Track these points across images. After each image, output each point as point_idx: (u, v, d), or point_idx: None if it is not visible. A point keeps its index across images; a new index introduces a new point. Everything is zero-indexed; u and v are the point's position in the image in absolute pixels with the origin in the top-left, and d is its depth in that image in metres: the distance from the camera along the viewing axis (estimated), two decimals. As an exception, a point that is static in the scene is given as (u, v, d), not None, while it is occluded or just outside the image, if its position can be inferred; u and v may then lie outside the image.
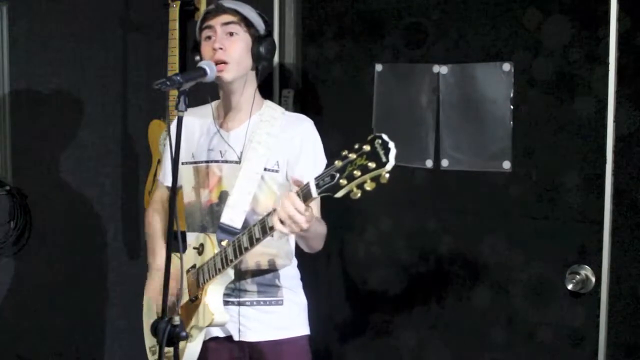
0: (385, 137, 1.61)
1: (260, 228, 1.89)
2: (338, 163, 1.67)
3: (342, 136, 2.58)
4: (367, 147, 1.62)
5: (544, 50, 2.25)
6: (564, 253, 2.24)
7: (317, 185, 1.72)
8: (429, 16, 2.47)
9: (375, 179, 1.62)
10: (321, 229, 2.07)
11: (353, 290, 2.70)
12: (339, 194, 1.68)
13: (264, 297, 2.15)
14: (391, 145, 1.60)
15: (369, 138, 1.63)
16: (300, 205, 1.77)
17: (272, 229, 1.87)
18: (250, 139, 2.14)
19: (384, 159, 1.60)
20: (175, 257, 1.98)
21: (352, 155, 1.65)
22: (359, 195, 1.65)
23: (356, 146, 1.66)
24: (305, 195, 1.76)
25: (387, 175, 1.61)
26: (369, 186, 1.63)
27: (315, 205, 2.05)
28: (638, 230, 2.12)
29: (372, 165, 1.61)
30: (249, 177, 2.10)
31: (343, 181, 1.65)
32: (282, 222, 1.80)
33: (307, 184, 1.75)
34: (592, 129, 2.17)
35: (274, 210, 1.84)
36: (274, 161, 2.12)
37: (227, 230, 2.08)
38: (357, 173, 1.63)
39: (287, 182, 2.13)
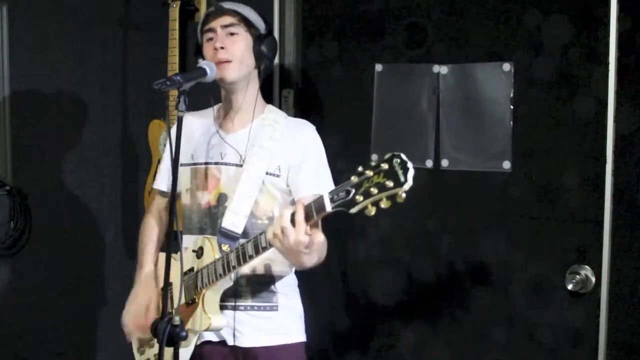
0: (403, 156, 1.60)
1: (267, 237, 1.85)
2: (354, 179, 1.66)
3: (342, 136, 2.58)
4: (385, 165, 1.61)
5: (544, 50, 2.25)
6: (564, 253, 2.24)
7: (332, 200, 1.70)
8: (429, 16, 2.47)
9: (392, 197, 1.61)
10: (320, 259, 1.98)
11: (351, 294, 2.70)
12: (354, 210, 1.66)
13: (258, 302, 2.12)
14: (410, 165, 1.59)
15: (387, 157, 1.62)
16: (300, 217, 1.74)
17: None
18: (252, 143, 2.12)
19: (402, 179, 1.58)
20: (172, 262, 1.96)
21: (369, 172, 1.64)
22: (373, 212, 1.63)
23: (373, 163, 1.64)
24: (318, 209, 1.73)
25: (404, 195, 1.60)
26: (384, 204, 1.62)
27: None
28: (638, 230, 2.12)
29: (389, 184, 1.60)
30: (251, 180, 2.07)
31: (359, 197, 1.64)
32: (274, 235, 1.78)
33: (321, 197, 1.72)
34: (592, 129, 2.17)
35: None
36: (276, 166, 2.10)
37: (228, 235, 2.05)
38: (374, 191, 1.62)
39: (288, 187, 2.11)
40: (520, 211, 2.32)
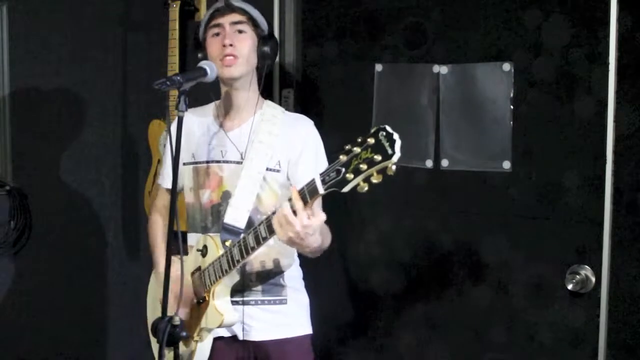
0: (389, 128, 1.60)
1: (266, 227, 1.87)
2: (343, 157, 1.66)
3: (342, 136, 2.55)
4: (371, 140, 1.61)
5: (544, 50, 2.25)
6: (564, 253, 2.24)
7: (323, 181, 1.70)
8: (429, 16, 2.47)
9: (382, 171, 1.61)
10: (326, 242, 2.02)
11: (353, 290, 2.71)
12: (346, 189, 1.66)
13: (268, 296, 2.15)
14: (396, 136, 1.59)
15: (373, 130, 1.62)
16: (299, 204, 1.75)
17: None
18: (252, 139, 2.14)
19: (389, 151, 1.58)
20: (177, 261, 1.96)
21: (357, 149, 1.63)
22: (365, 189, 1.63)
23: (359, 139, 1.64)
24: (311, 192, 1.73)
25: (394, 167, 1.60)
26: (375, 179, 1.62)
27: (317, 206, 2.02)
28: (638, 230, 2.12)
29: (378, 157, 1.59)
30: (252, 176, 2.09)
31: (349, 175, 1.63)
32: (280, 225, 1.79)
33: (313, 180, 1.72)
34: (592, 129, 2.17)
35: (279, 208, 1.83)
36: (276, 161, 2.12)
37: (231, 231, 2.07)
38: (363, 167, 1.61)
39: (288, 182, 2.13)
40: (520, 211, 2.32)
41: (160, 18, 3.02)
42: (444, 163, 2.45)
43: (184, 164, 2.21)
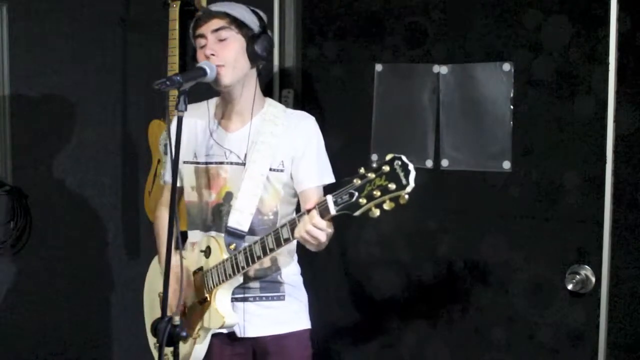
0: (404, 158, 1.63)
1: (274, 239, 1.92)
2: (357, 181, 1.69)
3: (342, 136, 2.58)
4: (386, 168, 1.64)
5: (544, 50, 2.25)
6: (564, 253, 2.24)
7: (335, 203, 1.74)
8: (429, 16, 2.47)
9: (395, 199, 1.64)
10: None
11: (352, 287, 2.71)
12: (358, 213, 1.70)
13: (266, 292, 2.17)
14: (411, 167, 1.63)
15: (388, 158, 1.65)
16: (321, 223, 1.79)
17: (286, 240, 1.89)
18: (254, 140, 2.13)
19: (404, 181, 1.62)
20: (179, 257, 1.98)
21: (371, 175, 1.66)
22: (377, 214, 1.67)
23: (374, 165, 1.67)
24: (322, 212, 1.78)
25: (407, 197, 1.62)
26: (387, 206, 1.66)
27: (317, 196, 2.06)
28: (638, 230, 2.12)
29: (392, 186, 1.63)
30: (255, 178, 2.10)
31: (362, 200, 1.68)
32: (302, 238, 1.84)
33: (325, 201, 1.76)
34: (592, 129, 2.17)
35: (288, 222, 1.87)
36: (279, 161, 2.13)
37: (235, 234, 2.09)
38: (376, 193, 1.65)
39: (292, 181, 2.14)
40: (520, 211, 2.32)
41: (160, 18, 3.02)
42: (444, 163, 2.45)
43: (185, 162, 2.21)
